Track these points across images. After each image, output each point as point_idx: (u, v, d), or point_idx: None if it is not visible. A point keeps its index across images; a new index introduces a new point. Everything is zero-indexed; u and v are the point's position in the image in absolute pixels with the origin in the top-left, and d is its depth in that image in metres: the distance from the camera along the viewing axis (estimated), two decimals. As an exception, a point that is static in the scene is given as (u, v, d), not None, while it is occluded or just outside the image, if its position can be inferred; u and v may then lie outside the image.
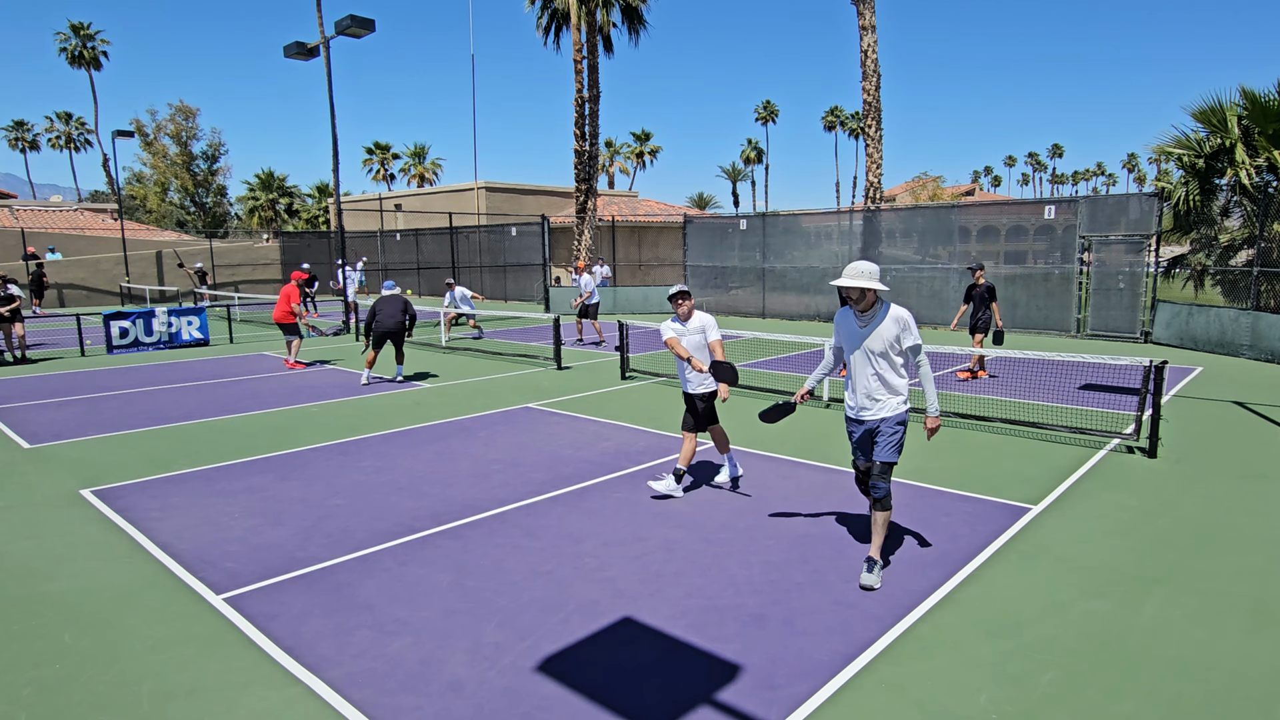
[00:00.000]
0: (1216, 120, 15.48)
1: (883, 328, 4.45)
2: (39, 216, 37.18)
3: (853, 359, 4.59)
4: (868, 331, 4.47)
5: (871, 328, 4.47)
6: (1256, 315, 13.33)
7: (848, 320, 4.61)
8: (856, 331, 4.52)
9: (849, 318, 4.59)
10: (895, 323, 4.43)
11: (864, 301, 4.43)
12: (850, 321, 4.58)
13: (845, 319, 4.62)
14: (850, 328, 4.58)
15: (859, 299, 4.44)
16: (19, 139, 66.82)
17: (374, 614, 4.13)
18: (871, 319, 4.48)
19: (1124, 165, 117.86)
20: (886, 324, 4.45)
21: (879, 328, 4.46)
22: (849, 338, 4.60)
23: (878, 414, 4.53)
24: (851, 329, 4.57)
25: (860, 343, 4.50)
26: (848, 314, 4.60)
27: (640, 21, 27.35)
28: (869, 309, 4.47)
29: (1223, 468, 6.77)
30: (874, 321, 4.47)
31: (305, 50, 17.74)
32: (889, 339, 4.44)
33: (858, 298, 4.43)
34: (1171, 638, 3.83)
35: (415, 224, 35.80)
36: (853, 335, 4.56)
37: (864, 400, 4.56)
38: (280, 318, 13.20)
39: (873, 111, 21.72)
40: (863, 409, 4.57)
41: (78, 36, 56.79)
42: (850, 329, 4.58)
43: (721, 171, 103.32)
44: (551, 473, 6.75)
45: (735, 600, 4.26)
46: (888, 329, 4.44)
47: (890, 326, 4.44)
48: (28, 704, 3.34)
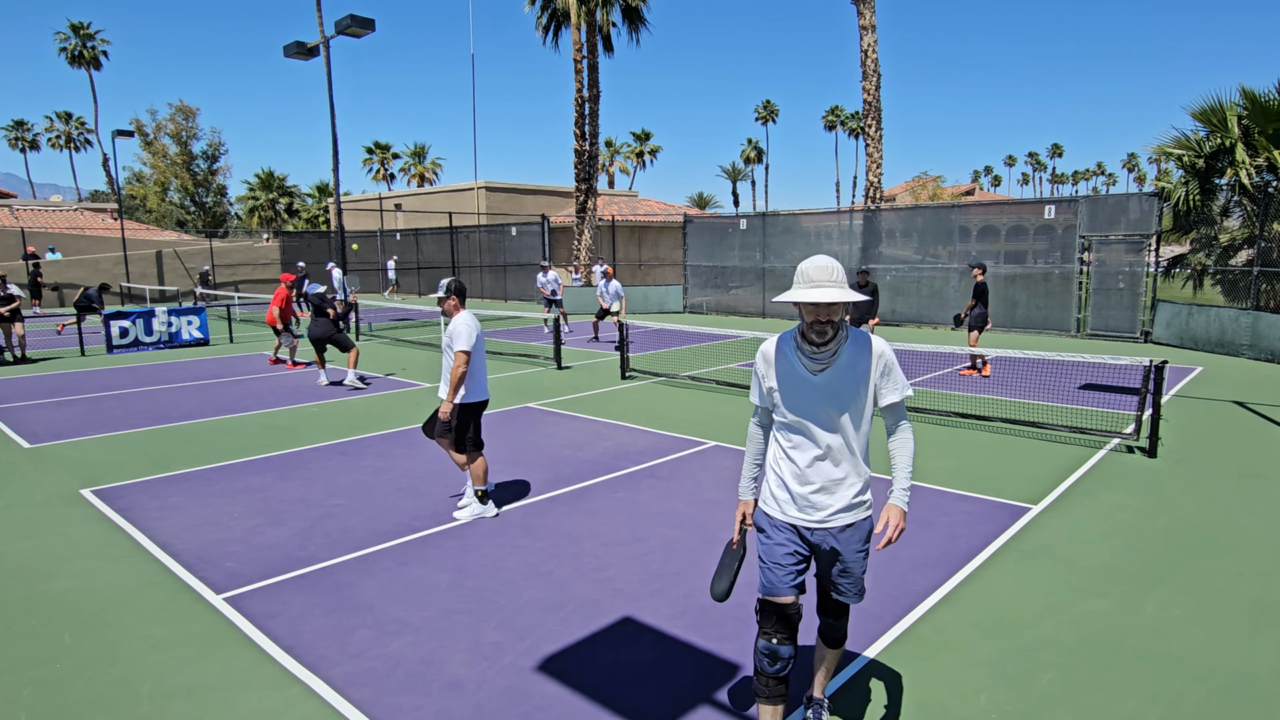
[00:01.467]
0: (1216, 120, 15.49)
1: (852, 369, 2.71)
2: (39, 216, 37.17)
3: (794, 422, 2.77)
4: (830, 379, 2.70)
5: (835, 371, 2.70)
6: (1256, 315, 13.33)
7: (788, 359, 2.77)
8: (807, 379, 2.72)
9: (790, 355, 2.76)
10: (874, 359, 2.74)
11: (829, 329, 2.65)
12: (792, 361, 2.75)
13: (784, 357, 2.78)
14: (794, 371, 2.75)
15: (824, 323, 2.64)
16: (19, 139, 66.80)
17: (374, 614, 4.13)
18: (833, 356, 2.70)
19: (1124, 165, 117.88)
20: (858, 362, 2.72)
21: (848, 369, 2.71)
22: (793, 388, 2.76)
23: (836, 518, 2.76)
24: (796, 374, 2.75)
25: (815, 396, 2.72)
26: (788, 350, 2.78)
27: (640, 21, 27.37)
28: (832, 340, 2.69)
29: (1223, 468, 6.77)
30: (838, 360, 2.70)
31: (305, 50, 17.74)
32: (862, 387, 2.73)
33: (824, 321, 2.63)
34: (1171, 638, 3.83)
35: (415, 224, 35.81)
36: (800, 384, 2.74)
37: (813, 493, 2.76)
38: (271, 320, 13.22)
39: (873, 111, 21.72)
40: (810, 506, 2.77)
41: (78, 36, 56.78)
42: (794, 373, 2.75)
43: (721, 171, 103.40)
44: (551, 473, 6.75)
45: (735, 600, 4.25)
46: (861, 370, 2.72)
47: (864, 365, 2.73)
48: (28, 704, 3.34)
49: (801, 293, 2.61)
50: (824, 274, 2.61)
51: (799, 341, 2.74)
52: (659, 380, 11.55)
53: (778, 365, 2.79)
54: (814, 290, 2.59)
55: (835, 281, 2.61)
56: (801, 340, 2.72)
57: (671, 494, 6.12)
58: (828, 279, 2.60)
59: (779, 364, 2.79)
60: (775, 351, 2.81)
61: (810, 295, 2.58)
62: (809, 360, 2.71)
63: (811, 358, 2.70)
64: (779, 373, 2.78)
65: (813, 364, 2.70)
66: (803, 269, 2.65)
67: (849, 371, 2.70)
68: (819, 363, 2.69)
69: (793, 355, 2.75)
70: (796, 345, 2.75)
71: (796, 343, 2.75)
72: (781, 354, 2.79)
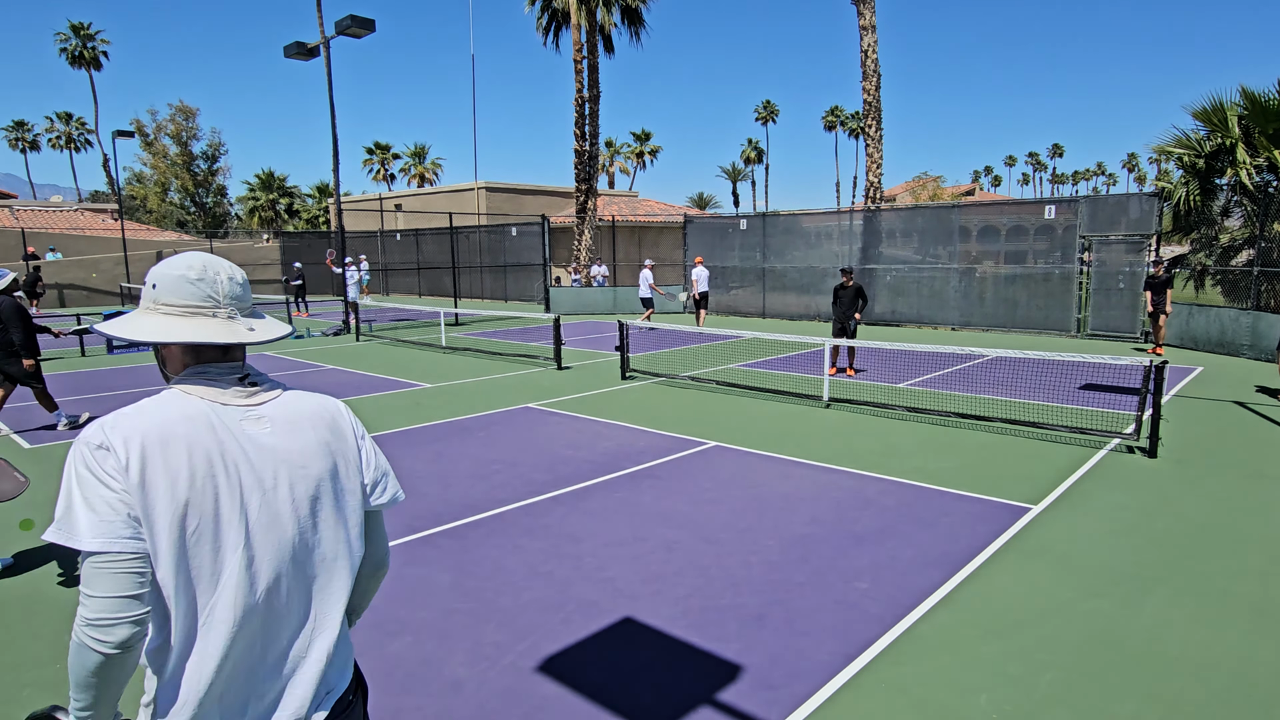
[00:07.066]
0: (1217, 120, 15.49)
1: (306, 443, 1.56)
2: (39, 216, 37.19)
3: (232, 560, 1.43)
4: (287, 445, 1.53)
5: (289, 434, 1.55)
6: (1257, 315, 13.33)
7: (222, 432, 1.46)
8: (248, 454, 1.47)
9: (226, 428, 1.47)
10: (331, 430, 1.62)
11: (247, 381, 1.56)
12: (228, 436, 1.47)
13: (225, 431, 1.47)
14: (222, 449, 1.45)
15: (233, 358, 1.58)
16: (19, 139, 66.81)
17: (374, 614, 4.13)
18: (275, 411, 1.56)
19: (1124, 165, 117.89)
20: (313, 433, 1.58)
21: (304, 435, 1.56)
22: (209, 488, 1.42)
23: (331, 691, 1.62)
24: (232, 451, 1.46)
25: (265, 493, 1.48)
26: (218, 421, 1.47)
27: (640, 21, 27.37)
28: (259, 388, 1.57)
29: (1223, 468, 6.77)
30: (283, 418, 1.56)
31: (305, 50, 17.74)
32: (326, 477, 1.57)
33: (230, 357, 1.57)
34: (1171, 638, 3.82)
35: (415, 224, 35.81)
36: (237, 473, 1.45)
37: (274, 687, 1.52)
38: None
39: (873, 111, 21.72)
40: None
41: (78, 36, 56.81)
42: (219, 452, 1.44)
43: (722, 171, 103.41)
44: (551, 473, 6.75)
45: (735, 600, 4.25)
46: (322, 445, 1.59)
47: (324, 444, 1.59)
48: (28, 704, 3.33)
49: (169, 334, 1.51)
50: (207, 283, 1.55)
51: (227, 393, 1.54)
52: (659, 380, 11.55)
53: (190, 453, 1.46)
54: (204, 329, 1.53)
55: (229, 301, 1.57)
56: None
57: (671, 494, 6.12)
58: (221, 293, 1.57)
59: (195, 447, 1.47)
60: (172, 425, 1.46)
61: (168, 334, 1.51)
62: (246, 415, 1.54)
63: (243, 406, 1.55)
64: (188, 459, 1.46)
65: (253, 419, 1.54)
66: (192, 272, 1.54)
67: (302, 442, 1.59)
68: (265, 422, 1.56)
69: (223, 418, 1.50)
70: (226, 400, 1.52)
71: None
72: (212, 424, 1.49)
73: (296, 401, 1.61)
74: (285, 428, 1.55)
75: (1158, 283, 14.00)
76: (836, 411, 9.14)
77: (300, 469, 1.54)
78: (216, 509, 1.42)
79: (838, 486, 6.27)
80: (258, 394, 1.56)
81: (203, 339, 1.51)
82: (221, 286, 1.56)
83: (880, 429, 8.29)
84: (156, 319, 1.53)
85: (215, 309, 1.55)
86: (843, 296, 11.81)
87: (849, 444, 7.63)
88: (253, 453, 1.48)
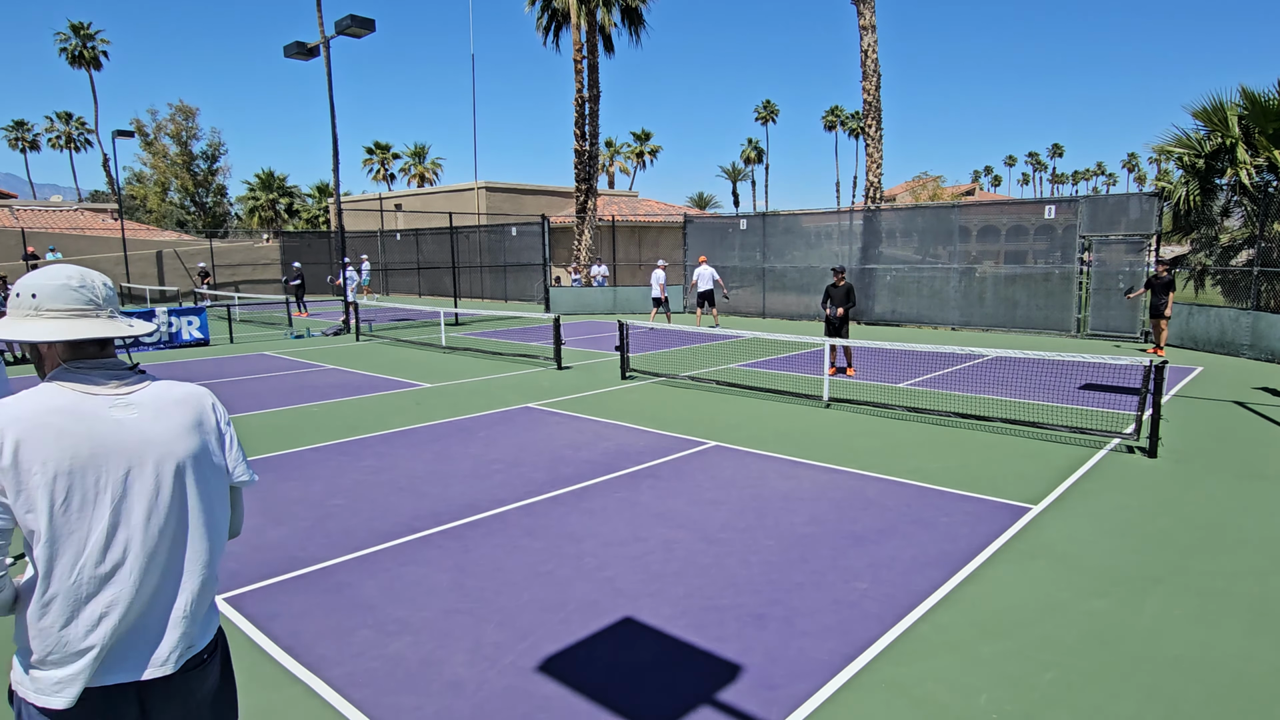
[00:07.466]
0: (1217, 120, 15.48)
1: (172, 426, 1.79)
2: (39, 216, 37.18)
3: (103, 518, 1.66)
4: (154, 429, 1.75)
5: (156, 419, 1.77)
6: (1257, 315, 13.33)
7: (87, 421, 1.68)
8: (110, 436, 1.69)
9: (95, 414, 1.70)
10: (196, 415, 1.85)
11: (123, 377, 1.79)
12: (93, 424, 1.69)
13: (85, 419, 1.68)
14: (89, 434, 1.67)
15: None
16: (19, 139, 66.82)
17: (374, 614, 4.13)
18: (144, 398, 1.78)
19: (1124, 165, 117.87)
20: (180, 417, 1.81)
21: (170, 420, 1.79)
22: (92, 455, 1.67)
23: (192, 646, 1.81)
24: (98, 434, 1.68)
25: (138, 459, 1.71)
26: (88, 409, 1.70)
27: (640, 21, 27.36)
28: (127, 380, 1.79)
29: (1223, 468, 6.77)
30: (151, 404, 1.78)
31: (305, 50, 17.75)
32: (191, 455, 1.80)
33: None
34: (1171, 638, 3.83)
35: (415, 224, 35.79)
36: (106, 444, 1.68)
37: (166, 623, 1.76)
38: None
39: (873, 111, 21.72)
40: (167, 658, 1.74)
41: (78, 36, 56.80)
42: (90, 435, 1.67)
43: (722, 171, 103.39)
44: (551, 473, 6.75)
45: (735, 600, 4.26)
46: (187, 428, 1.81)
47: (188, 420, 1.83)
48: None
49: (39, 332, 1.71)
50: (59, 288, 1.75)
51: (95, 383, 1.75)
52: (659, 380, 11.55)
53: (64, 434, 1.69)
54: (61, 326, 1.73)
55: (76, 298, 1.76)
56: None
57: (671, 494, 6.12)
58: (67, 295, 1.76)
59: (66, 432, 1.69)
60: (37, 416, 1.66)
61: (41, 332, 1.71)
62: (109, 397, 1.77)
63: (112, 393, 1.76)
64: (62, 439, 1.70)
65: (118, 403, 1.77)
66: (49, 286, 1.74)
67: (170, 418, 1.84)
68: (128, 405, 1.78)
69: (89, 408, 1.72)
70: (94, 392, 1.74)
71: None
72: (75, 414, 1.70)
73: (166, 391, 1.85)
74: (152, 414, 1.78)
75: (1160, 284, 14.00)
76: (836, 411, 9.14)
77: (166, 447, 1.77)
78: (84, 484, 1.65)
79: (837, 486, 6.27)
80: (126, 385, 1.78)
81: (99, 334, 1.74)
82: (99, 292, 1.80)
83: (880, 429, 8.29)
84: (44, 323, 1.73)
85: (98, 310, 1.78)
86: (834, 295, 11.85)
87: (849, 444, 7.63)
88: (120, 435, 1.71)
